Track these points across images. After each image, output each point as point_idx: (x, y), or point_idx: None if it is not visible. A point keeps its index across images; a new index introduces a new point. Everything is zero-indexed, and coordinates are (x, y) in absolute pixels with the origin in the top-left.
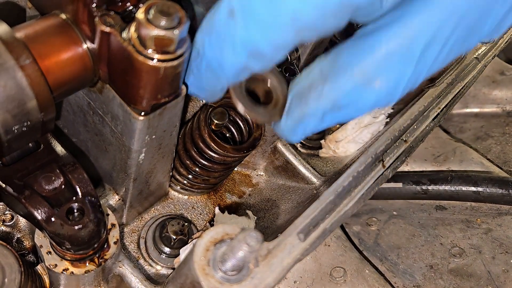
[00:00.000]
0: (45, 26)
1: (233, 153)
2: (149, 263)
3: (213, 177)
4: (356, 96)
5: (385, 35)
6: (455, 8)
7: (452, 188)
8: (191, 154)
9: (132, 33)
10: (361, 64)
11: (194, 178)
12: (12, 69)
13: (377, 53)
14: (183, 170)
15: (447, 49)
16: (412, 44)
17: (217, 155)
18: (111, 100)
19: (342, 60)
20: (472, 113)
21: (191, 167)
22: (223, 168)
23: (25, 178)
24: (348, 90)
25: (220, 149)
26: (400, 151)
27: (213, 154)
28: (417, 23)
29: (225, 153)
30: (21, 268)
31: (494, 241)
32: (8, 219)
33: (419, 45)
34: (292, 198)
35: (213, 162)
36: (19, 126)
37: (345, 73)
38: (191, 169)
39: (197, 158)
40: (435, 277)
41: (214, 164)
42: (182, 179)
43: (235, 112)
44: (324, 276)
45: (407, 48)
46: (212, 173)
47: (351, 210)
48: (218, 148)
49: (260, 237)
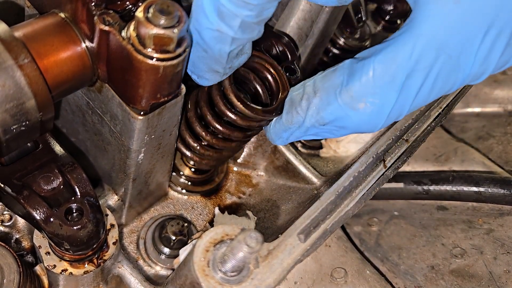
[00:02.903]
0: (43, 25)
1: (262, 116)
2: (148, 264)
3: (228, 149)
4: (341, 114)
5: (373, 61)
6: (436, 39)
7: (453, 188)
8: (208, 120)
9: (131, 32)
10: (349, 85)
11: (205, 150)
12: (11, 68)
13: (364, 78)
14: (193, 141)
15: (431, 80)
16: (396, 71)
17: (243, 119)
18: (110, 100)
19: (334, 78)
20: (474, 112)
21: (204, 136)
22: (242, 137)
23: (23, 178)
24: (334, 107)
25: (249, 110)
26: (402, 151)
27: (237, 118)
28: (401, 52)
29: (255, 115)
30: (20, 269)
31: (495, 241)
32: (6, 220)
33: (403, 73)
34: (292, 198)
35: (234, 128)
36: (17, 126)
37: (333, 91)
38: (204, 138)
39: (215, 124)
40: (436, 277)
41: (234, 131)
42: (191, 154)
43: (262, 70)
44: (324, 277)
45: (391, 75)
46: (229, 143)
47: (352, 210)
48: (247, 109)
49: (260, 237)
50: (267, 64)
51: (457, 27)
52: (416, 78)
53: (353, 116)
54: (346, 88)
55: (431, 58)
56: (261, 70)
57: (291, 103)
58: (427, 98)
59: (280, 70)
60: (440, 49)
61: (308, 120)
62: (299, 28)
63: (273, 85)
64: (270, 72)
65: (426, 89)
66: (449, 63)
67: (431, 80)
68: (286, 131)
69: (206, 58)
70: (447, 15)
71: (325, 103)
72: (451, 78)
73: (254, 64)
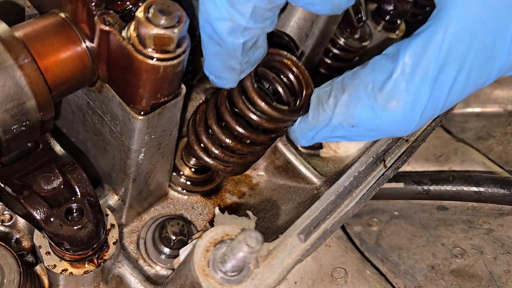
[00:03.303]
0: (44, 25)
1: (289, 116)
2: (148, 264)
3: (253, 153)
4: (371, 114)
5: (403, 55)
6: (466, 26)
7: (453, 188)
8: (231, 125)
9: (131, 32)
10: (379, 82)
11: (229, 157)
12: (11, 68)
13: (394, 74)
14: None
15: (465, 72)
16: (428, 64)
17: (269, 121)
18: (110, 100)
19: (363, 75)
20: (474, 112)
21: (228, 142)
22: (268, 140)
23: (24, 178)
24: (363, 104)
25: (275, 111)
26: (402, 151)
27: (262, 121)
28: (431, 43)
29: (281, 115)
30: (20, 269)
31: (495, 241)
32: (7, 219)
33: (435, 65)
34: (292, 198)
35: (259, 131)
36: (18, 126)
37: (364, 88)
38: (228, 145)
39: (238, 129)
40: (436, 277)
41: (259, 135)
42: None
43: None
44: (325, 277)
45: (422, 68)
46: (254, 147)
47: (352, 210)
48: (273, 110)
49: (260, 237)
50: (288, 60)
51: (489, 12)
52: (449, 71)
53: (384, 116)
54: (376, 86)
55: (463, 47)
56: (281, 69)
57: (318, 101)
58: (462, 92)
59: (302, 67)
60: (473, 37)
61: (336, 118)
62: (299, 28)
63: (295, 84)
64: (292, 70)
65: (461, 82)
66: (483, 52)
67: (465, 72)
68: (311, 130)
69: (221, 53)
70: (477, 0)
71: (355, 100)
72: (486, 69)
73: (273, 63)
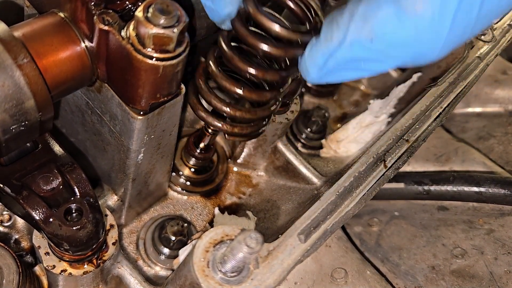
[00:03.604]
0: (43, 25)
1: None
2: (148, 264)
3: (262, 109)
4: (393, 21)
5: None
6: None
7: (454, 189)
8: (235, 64)
9: (131, 31)
10: None
11: (236, 110)
12: (10, 68)
13: None
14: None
15: None
16: None
17: (277, 48)
18: (109, 100)
19: None
20: (474, 112)
21: (236, 90)
22: (279, 79)
23: (23, 179)
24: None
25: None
26: (402, 151)
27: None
28: None
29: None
30: (19, 269)
31: (496, 241)
32: (6, 220)
33: None
34: (292, 198)
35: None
36: (16, 126)
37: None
38: (236, 93)
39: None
40: (437, 278)
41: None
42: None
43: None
44: (325, 277)
45: None
46: (263, 92)
47: (352, 210)
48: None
49: (260, 238)
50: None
51: None
52: None
53: (409, 23)
54: None
55: None
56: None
57: (331, 19)
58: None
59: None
60: None
61: (352, 33)
62: None
63: (299, 12)
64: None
65: None
66: None
67: None
68: (324, 53)
69: None
70: None
71: (374, 8)
72: None
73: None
